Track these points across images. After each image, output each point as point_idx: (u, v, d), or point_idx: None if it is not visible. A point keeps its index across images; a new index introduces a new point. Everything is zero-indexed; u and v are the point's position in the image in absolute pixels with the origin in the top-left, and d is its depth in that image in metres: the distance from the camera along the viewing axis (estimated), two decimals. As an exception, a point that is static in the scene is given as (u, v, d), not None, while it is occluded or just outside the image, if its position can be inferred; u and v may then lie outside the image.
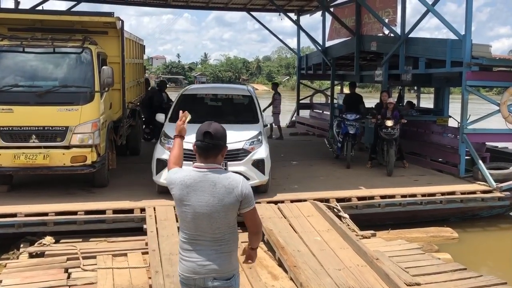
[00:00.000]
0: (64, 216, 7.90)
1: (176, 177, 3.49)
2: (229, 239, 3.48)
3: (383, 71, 13.87)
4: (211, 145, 3.43)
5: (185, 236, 3.50)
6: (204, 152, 3.45)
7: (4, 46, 8.77)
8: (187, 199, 3.41)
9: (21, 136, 8.45)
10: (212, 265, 3.42)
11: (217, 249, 3.44)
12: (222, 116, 9.55)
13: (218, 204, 3.37)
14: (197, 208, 3.39)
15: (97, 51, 9.04)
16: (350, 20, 16.50)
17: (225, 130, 3.58)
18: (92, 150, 8.63)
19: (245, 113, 10.29)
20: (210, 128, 3.44)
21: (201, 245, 3.44)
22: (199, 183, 3.40)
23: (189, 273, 3.47)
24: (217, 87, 14.06)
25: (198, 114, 9.21)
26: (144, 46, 15.59)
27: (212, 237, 3.43)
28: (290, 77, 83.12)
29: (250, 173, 8.64)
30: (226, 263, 3.46)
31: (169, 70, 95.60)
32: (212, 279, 3.43)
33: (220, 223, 3.41)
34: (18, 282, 6.10)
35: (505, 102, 10.97)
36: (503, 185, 10.23)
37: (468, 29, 10.63)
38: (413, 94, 21.98)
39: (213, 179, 3.40)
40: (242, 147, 8.80)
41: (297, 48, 22.08)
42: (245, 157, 8.77)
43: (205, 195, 3.38)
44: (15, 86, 8.62)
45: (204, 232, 3.43)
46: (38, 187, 9.29)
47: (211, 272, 3.42)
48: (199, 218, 3.40)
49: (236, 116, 10.15)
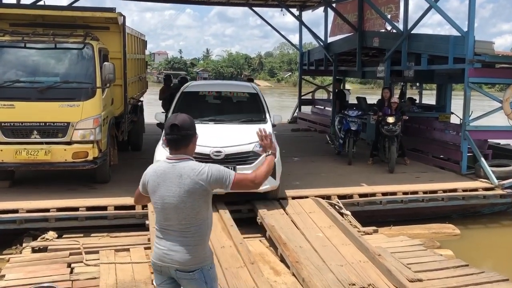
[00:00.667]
0: (66, 212, 7.90)
1: (149, 169, 3.65)
2: (195, 232, 3.50)
3: (385, 67, 13.84)
4: (180, 136, 3.50)
5: (158, 225, 3.61)
6: (173, 144, 3.54)
7: (6, 41, 8.74)
8: (157, 189, 3.52)
9: (22, 132, 8.44)
10: (175, 256, 3.49)
11: (181, 241, 3.49)
12: (227, 116, 9.34)
13: (184, 194, 3.43)
14: (165, 198, 3.48)
15: (98, 47, 9.02)
16: (353, 15, 16.47)
17: (192, 120, 3.62)
18: (94, 146, 8.63)
19: (252, 112, 9.63)
20: (177, 120, 3.51)
21: (169, 235, 3.53)
22: (168, 174, 3.49)
23: (156, 259, 3.59)
24: (220, 84, 13.19)
25: (201, 114, 8.93)
26: (146, 42, 15.56)
27: (178, 227, 3.49)
28: (292, 73, 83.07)
29: None
30: (188, 256, 3.48)
31: (171, 65, 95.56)
32: (175, 270, 3.51)
33: (186, 214, 3.46)
34: (21, 276, 6.11)
35: (507, 99, 10.94)
36: (505, 182, 10.21)
37: (471, 25, 10.59)
38: (415, 91, 21.97)
39: (180, 170, 3.47)
40: (252, 150, 8.13)
41: (299, 44, 22.04)
42: (254, 160, 8.03)
43: (172, 185, 3.46)
44: (17, 81, 8.61)
45: (171, 222, 3.50)
46: (39, 183, 9.29)
47: (173, 262, 3.49)
48: (167, 208, 3.48)
49: (242, 115, 9.53)
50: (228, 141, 8.17)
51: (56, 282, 5.84)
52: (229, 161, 7.86)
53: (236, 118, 9.29)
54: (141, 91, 14.43)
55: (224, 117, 9.39)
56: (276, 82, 79.23)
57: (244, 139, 8.20)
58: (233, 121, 9.19)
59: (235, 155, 8.07)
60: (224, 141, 8.15)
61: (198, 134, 3.66)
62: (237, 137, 8.38)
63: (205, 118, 8.96)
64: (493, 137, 12.33)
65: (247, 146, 8.14)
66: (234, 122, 9.15)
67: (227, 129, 8.82)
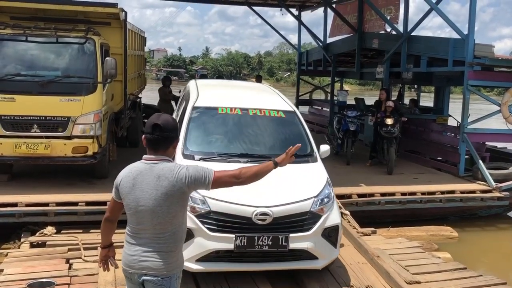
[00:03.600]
0: (65, 206, 7.88)
1: (123, 171, 3.47)
2: (169, 238, 3.38)
3: (384, 68, 13.87)
4: (161, 138, 3.36)
5: (129, 229, 3.46)
6: (153, 145, 3.38)
7: (7, 34, 8.72)
8: (131, 191, 3.36)
9: (22, 126, 8.42)
10: (146, 262, 3.36)
11: (154, 247, 3.36)
12: (260, 148, 6.67)
13: (161, 197, 3.29)
14: (140, 201, 3.33)
15: (100, 42, 9.00)
16: (352, 17, 16.49)
17: (175, 122, 3.49)
18: (94, 141, 8.61)
19: (293, 142, 6.54)
20: (159, 120, 3.35)
21: (141, 240, 3.39)
22: (145, 176, 3.34)
23: (125, 266, 3.45)
24: (240, 90, 9.13)
25: (223, 144, 6.61)
26: (145, 38, 15.56)
27: (152, 232, 3.36)
28: (291, 73, 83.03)
29: (318, 250, 5.67)
30: (161, 262, 3.36)
31: (170, 63, 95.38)
32: (144, 275, 3.38)
33: (161, 218, 3.32)
34: (19, 271, 6.10)
35: (506, 103, 10.99)
36: (502, 185, 10.25)
37: (471, 28, 10.63)
38: (413, 93, 22.01)
39: (158, 171, 3.33)
40: (310, 210, 5.64)
41: (298, 44, 22.04)
42: (313, 225, 5.63)
43: (149, 188, 3.31)
44: (18, 75, 8.58)
45: (145, 226, 3.36)
46: (38, 178, 9.27)
47: (144, 269, 3.37)
48: (142, 211, 3.33)
49: (281, 147, 6.05)
50: (274, 197, 5.56)
51: (55, 277, 5.82)
52: (278, 228, 5.48)
53: (274, 151, 6.13)
54: (140, 88, 14.43)
55: (256, 149, 6.61)
56: (275, 82, 79.11)
57: (296, 191, 5.76)
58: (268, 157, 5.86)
59: (288, 218, 5.53)
60: (269, 197, 5.52)
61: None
62: (285, 188, 5.73)
63: (229, 151, 6.40)
64: (491, 140, 12.37)
65: (303, 204, 5.63)
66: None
67: None
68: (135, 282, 3.44)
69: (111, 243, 3.73)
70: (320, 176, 6.22)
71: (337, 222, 5.83)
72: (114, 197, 3.51)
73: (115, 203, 3.53)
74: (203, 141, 6.70)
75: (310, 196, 5.71)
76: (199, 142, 6.63)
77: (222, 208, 5.41)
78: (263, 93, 8.46)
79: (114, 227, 3.68)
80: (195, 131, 6.67)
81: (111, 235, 3.70)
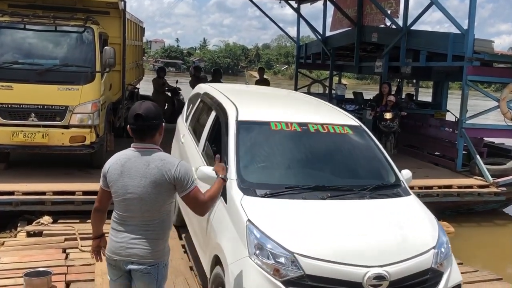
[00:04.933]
0: (62, 196, 7.86)
1: (111, 158, 3.49)
2: (157, 226, 3.40)
3: (383, 62, 13.85)
4: (145, 126, 3.37)
5: (116, 216, 3.46)
6: (139, 134, 3.41)
7: (5, 22, 8.66)
8: (119, 178, 3.37)
9: (20, 114, 8.37)
10: (134, 249, 3.37)
11: (142, 234, 3.37)
12: (338, 177, 5.12)
13: (149, 185, 3.30)
14: (129, 188, 3.34)
15: (99, 31, 8.95)
16: (352, 10, 16.44)
17: (157, 108, 3.46)
18: (91, 131, 8.56)
19: (370, 168, 5.42)
20: (141, 110, 3.35)
21: (129, 227, 3.40)
22: (133, 163, 3.36)
23: (111, 253, 3.45)
24: (286, 103, 7.16)
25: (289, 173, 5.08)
26: (143, 29, 15.53)
27: (140, 220, 3.37)
28: (289, 66, 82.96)
29: None
30: (149, 250, 3.38)
31: (168, 54, 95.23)
32: (130, 263, 3.39)
33: (150, 206, 3.34)
34: (16, 260, 6.10)
35: (504, 98, 11.00)
36: (499, 180, 10.27)
37: (471, 23, 10.60)
38: (411, 88, 22.00)
39: (147, 159, 3.35)
40: (431, 267, 4.20)
41: (296, 37, 21.98)
42: (436, 286, 4.20)
43: (137, 175, 3.33)
44: (15, 63, 8.52)
45: (133, 214, 3.37)
46: (35, 167, 9.22)
47: (131, 256, 3.38)
48: (130, 198, 3.35)
49: (361, 174, 5.33)
50: (386, 251, 4.11)
51: (51, 267, 5.79)
52: None
53: (356, 181, 5.08)
54: (138, 78, 14.40)
55: (333, 179, 5.06)
56: (272, 75, 79.04)
57: (408, 241, 4.27)
58: (357, 195, 4.69)
59: (407, 280, 4.04)
60: (380, 252, 4.08)
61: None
62: (392, 236, 4.29)
63: (300, 183, 4.76)
64: (489, 136, 12.39)
65: (423, 260, 4.16)
66: (359, 196, 4.68)
67: (358, 216, 4.46)
68: (120, 270, 3.45)
69: (102, 233, 3.73)
70: (425, 216, 4.73)
71: (460, 279, 4.43)
72: (102, 186, 3.51)
73: (103, 192, 3.53)
74: (260, 168, 5.05)
75: (428, 247, 4.22)
76: (256, 169, 4.98)
77: (322, 270, 3.85)
78: (311, 102, 7.08)
79: (104, 217, 3.68)
80: (248, 154, 5.05)
81: (102, 225, 3.71)
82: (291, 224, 4.13)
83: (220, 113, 5.71)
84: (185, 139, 6.89)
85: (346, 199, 4.61)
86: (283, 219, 4.20)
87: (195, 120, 6.92)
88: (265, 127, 5.29)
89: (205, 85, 7.93)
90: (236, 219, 4.25)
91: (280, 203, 4.26)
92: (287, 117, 5.48)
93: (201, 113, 6.80)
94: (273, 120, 5.34)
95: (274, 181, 4.83)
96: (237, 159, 4.80)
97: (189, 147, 6.49)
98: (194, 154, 6.03)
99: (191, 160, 5.93)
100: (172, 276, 5.49)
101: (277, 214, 4.24)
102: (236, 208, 4.31)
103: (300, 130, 5.27)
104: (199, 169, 4.43)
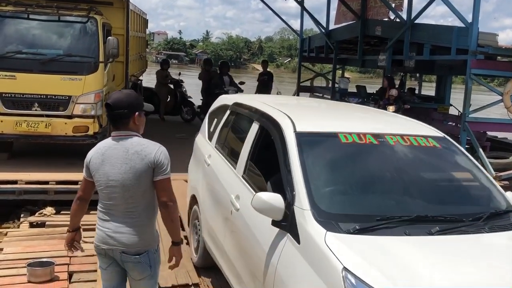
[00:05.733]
0: (65, 185, 7.87)
1: (93, 148, 3.54)
2: (142, 212, 3.42)
3: (387, 56, 13.80)
4: (116, 116, 3.41)
5: (101, 205, 3.50)
6: (113, 123, 3.47)
7: (9, 11, 8.66)
8: (100, 167, 3.41)
9: (23, 104, 8.40)
10: (121, 238, 3.40)
11: (127, 222, 3.40)
12: (433, 204, 3.89)
13: (130, 171, 3.33)
14: (110, 175, 3.38)
15: (102, 22, 8.96)
16: (356, 3, 16.37)
17: (128, 97, 3.46)
18: (94, 121, 8.61)
19: (474, 194, 4.28)
20: (110, 99, 3.44)
21: (114, 216, 3.43)
22: (114, 150, 3.40)
23: (99, 242, 3.48)
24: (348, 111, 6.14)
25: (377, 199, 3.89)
26: (147, 20, 15.52)
27: (125, 207, 3.40)
28: (292, 59, 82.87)
29: None
30: (135, 237, 3.40)
31: (170, 46, 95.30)
32: (120, 252, 3.41)
33: (132, 192, 3.37)
34: (19, 250, 6.12)
35: (508, 92, 10.94)
36: (502, 174, 10.25)
37: (475, 16, 10.54)
38: (414, 82, 21.96)
39: (126, 145, 3.39)
40: None
41: (300, 30, 21.93)
42: None
43: (118, 162, 3.36)
44: (19, 52, 8.55)
45: (117, 202, 3.40)
46: (38, 157, 9.24)
47: (119, 245, 3.40)
48: (112, 186, 3.38)
49: (461, 201, 4.17)
50: None
51: (54, 257, 5.81)
52: None
53: (460, 208, 3.97)
54: (141, 70, 14.40)
55: (433, 207, 3.86)
56: (275, 68, 79.04)
57: None
58: (471, 228, 3.55)
59: None
60: None
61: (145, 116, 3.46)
62: None
63: (395, 212, 3.61)
64: (492, 130, 12.35)
65: None
66: (474, 229, 3.55)
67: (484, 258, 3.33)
68: (110, 258, 3.49)
69: (78, 226, 3.77)
70: None
71: None
72: (85, 176, 3.56)
73: (86, 182, 3.57)
74: (339, 193, 3.92)
75: None
76: (334, 195, 3.87)
77: None
78: (370, 110, 6.28)
79: (85, 206, 3.70)
80: (319, 176, 3.89)
81: (80, 217, 3.73)
82: (401, 273, 2.96)
83: (267, 125, 4.48)
84: (213, 160, 5.46)
85: (459, 233, 3.44)
86: (389, 266, 3.00)
87: (226, 136, 5.56)
88: (333, 140, 4.12)
89: (232, 95, 7.15)
90: (322, 265, 3.13)
91: (377, 241, 3.19)
92: (356, 128, 4.32)
93: (234, 128, 5.55)
94: (342, 131, 4.14)
95: (360, 210, 3.70)
96: (306, 183, 3.63)
97: (221, 170, 5.13)
98: (231, 179, 4.73)
99: (227, 187, 4.74)
100: (174, 269, 5.51)
101: (379, 259, 3.05)
102: (319, 250, 3.18)
103: (377, 143, 4.13)
104: (256, 196, 3.52)
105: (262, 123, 4.59)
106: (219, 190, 4.95)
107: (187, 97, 15.19)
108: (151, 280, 3.54)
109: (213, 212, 5.08)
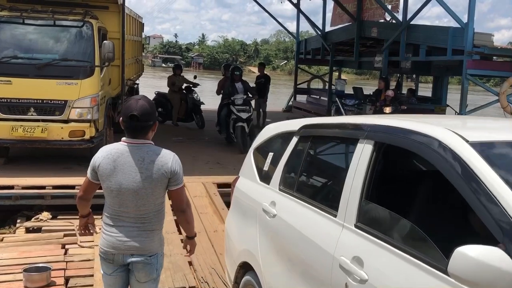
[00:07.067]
0: (62, 190, 7.81)
1: (100, 152, 3.40)
2: (153, 217, 3.41)
3: (383, 57, 13.83)
4: (139, 127, 3.31)
5: (110, 211, 3.42)
6: (132, 132, 3.34)
7: (4, 16, 8.64)
8: (113, 174, 3.30)
9: (19, 109, 8.38)
10: (132, 242, 3.36)
11: (139, 227, 3.37)
12: None
13: (146, 180, 3.27)
14: (123, 184, 3.28)
15: (98, 26, 8.94)
16: (352, 5, 16.42)
17: (152, 107, 3.39)
18: (91, 125, 8.57)
19: None
20: (136, 110, 3.26)
21: (124, 221, 3.37)
22: (127, 158, 3.30)
23: (109, 247, 3.41)
24: None
25: None
26: (143, 24, 15.50)
27: (136, 214, 3.35)
28: (288, 61, 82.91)
29: None
30: (147, 241, 3.39)
31: (166, 49, 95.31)
32: (131, 255, 3.38)
33: (146, 200, 3.32)
34: (15, 256, 6.06)
35: (504, 92, 10.98)
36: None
37: (471, 17, 10.58)
38: (410, 83, 22.00)
39: (142, 154, 3.30)
40: None
41: (296, 32, 21.95)
42: None
43: (132, 170, 3.27)
44: (15, 57, 8.53)
45: (128, 209, 3.34)
46: (34, 162, 9.21)
47: (131, 249, 3.36)
48: (125, 194, 3.30)
49: None
50: None
51: (51, 263, 5.76)
52: None
53: None
54: (137, 74, 14.38)
55: None
56: (271, 70, 79.04)
57: None
58: None
59: None
60: None
61: None
62: None
63: None
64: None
65: None
66: None
67: None
68: (117, 263, 3.43)
69: (89, 211, 3.69)
70: None
71: None
72: (90, 178, 3.41)
73: (90, 183, 3.44)
74: None
75: None
76: None
77: None
78: None
79: (89, 204, 3.65)
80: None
81: (88, 207, 3.67)
82: None
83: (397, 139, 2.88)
84: (283, 208, 3.73)
85: None
86: None
87: (300, 172, 3.82)
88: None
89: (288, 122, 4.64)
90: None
91: None
92: None
93: (315, 159, 4.06)
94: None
95: None
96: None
97: (305, 221, 3.38)
98: (332, 231, 3.00)
99: (326, 245, 2.98)
100: (171, 271, 5.49)
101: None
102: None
103: None
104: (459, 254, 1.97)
105: (379, 139, 2.98)
106: (308, 251, 3.22)
107: (198, 103, 14.35)
108: (154, 283, 3.52)
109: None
